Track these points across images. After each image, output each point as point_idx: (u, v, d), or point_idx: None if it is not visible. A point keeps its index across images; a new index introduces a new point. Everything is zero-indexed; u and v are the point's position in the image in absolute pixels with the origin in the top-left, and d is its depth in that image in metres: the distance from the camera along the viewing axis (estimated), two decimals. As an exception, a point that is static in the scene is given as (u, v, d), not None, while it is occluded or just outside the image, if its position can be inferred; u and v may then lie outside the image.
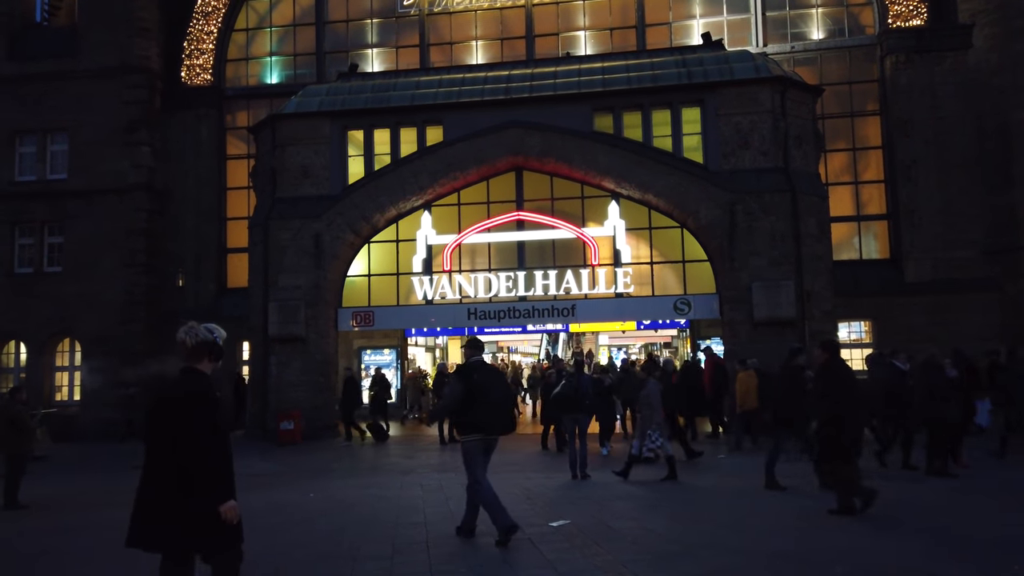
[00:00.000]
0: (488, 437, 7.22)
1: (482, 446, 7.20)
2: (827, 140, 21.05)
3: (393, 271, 20.46)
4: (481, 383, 7.11)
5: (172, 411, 3.96)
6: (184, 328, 4.13)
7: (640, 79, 19.50)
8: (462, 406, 7.15)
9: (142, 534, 3.90)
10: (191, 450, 3.84)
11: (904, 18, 21.81)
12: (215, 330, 4.15)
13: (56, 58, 24.05)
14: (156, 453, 3.98)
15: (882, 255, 22.12)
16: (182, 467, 3.85)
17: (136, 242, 23.15)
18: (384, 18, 25.00)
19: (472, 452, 7.18)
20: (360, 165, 20.28)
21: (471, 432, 7.18)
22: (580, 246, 19.69)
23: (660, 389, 11.47)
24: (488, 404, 7.07)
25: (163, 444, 3.95)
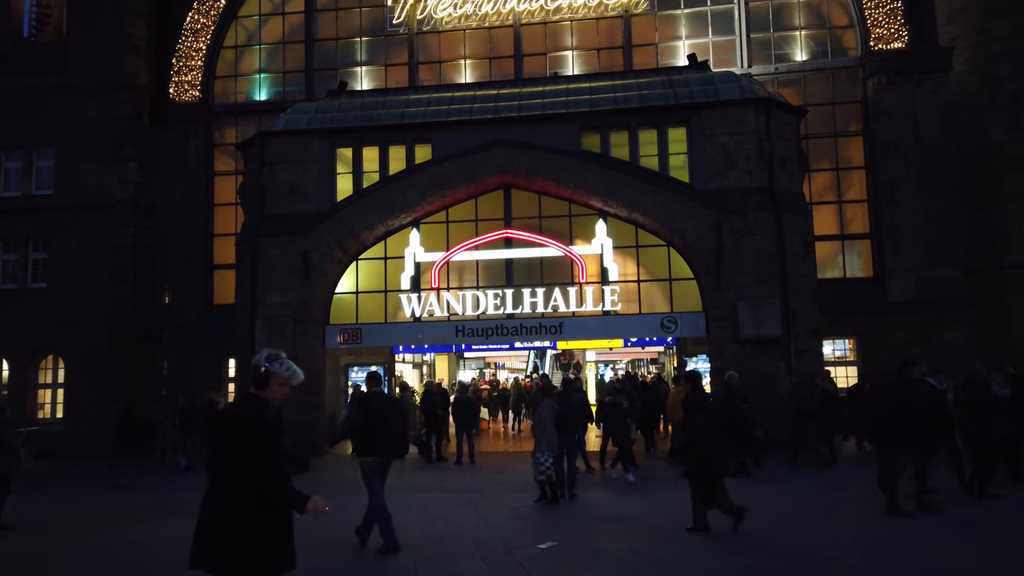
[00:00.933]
0: (382, 459, 8.14)
1: (377, 466, 8.11)
2: (811, 160, 21.32)
3: (381, 288, 20.47)
4: (378, 411, 8.08)
5: (223, 433, 4.10)
6: (260, 353, 4.22)
7: (627, 99, 19.71)
8: (362, 431, 8.08)
9: (202, 555, 3.93)
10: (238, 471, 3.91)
11: (886, 41, 22.22)
12: (271, 361, 4.16)
13: (43, 73, 24.02)
14: (213, 474, 4.07)
15: (866, 274, 22.39)
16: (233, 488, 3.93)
17: (122, 258, 23.04)
18: (373, 36, 25.16)
19: (369, 471, 8.08)
20: (349, 183, 20.32)
21: (368, 454, 8.09)
22: (568, 264, 19.79)
23: (554, 409, 11.40)
24: (383, 430, 7.98)
25: (219, 465, 4.05)
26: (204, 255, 24.31)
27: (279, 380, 4.12)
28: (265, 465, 3.94)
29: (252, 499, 3.89)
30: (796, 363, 17.69)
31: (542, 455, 10.85)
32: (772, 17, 23.60)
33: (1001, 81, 21.18)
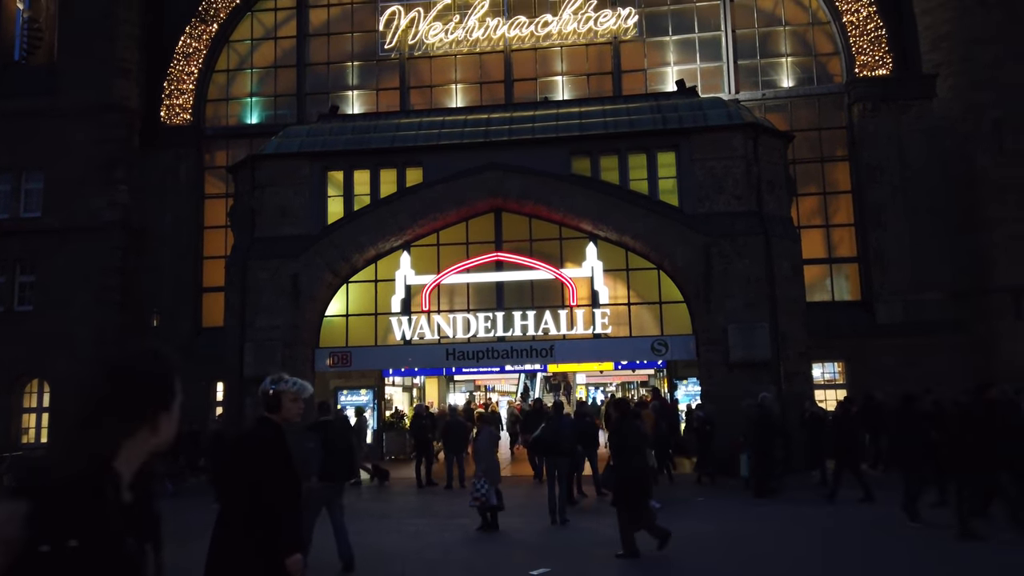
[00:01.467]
0: (336, 484, 8.55)
1: (332, 491, 8.48)
2: (798, 184, 21.55)
3: (371, 311, 20.42)
4: (331, 439, 8.48)
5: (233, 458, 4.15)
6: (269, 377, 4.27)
7: (617, 124, 19.90)
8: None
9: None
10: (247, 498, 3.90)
11: (870, 68, 22.58)
12: (277, 383, 4.21)
13: (33, 96, 24.01)
14: (225, 501, 4.08)
15: (854, 297, 22.54)
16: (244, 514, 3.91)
17: (110, 280, 22.90)
18: (365, 61, 25.35)
19: (326, 496, 8.36)
20: (339, 205, 20.35)
21: (324, 479, 8.37)
22: (558, 287, 19.83)
23: (494, 436, 11.27)
24: (331, 457, 8.36)
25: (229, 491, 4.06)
26: (193, 278, 24.20)
27: (290, 396, 4.19)
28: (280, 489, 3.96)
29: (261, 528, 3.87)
30: (786, 386, 17.73)
31: (479, 481, 10.66)
32: (759, 44, 23.96)
33: (984, 108, 21.53)
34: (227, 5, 25.32)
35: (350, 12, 25.67)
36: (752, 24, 24.00)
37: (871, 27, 22.64)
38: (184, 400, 1.88)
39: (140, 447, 1.72)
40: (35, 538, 1.50)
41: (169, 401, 1.79)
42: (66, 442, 1.69)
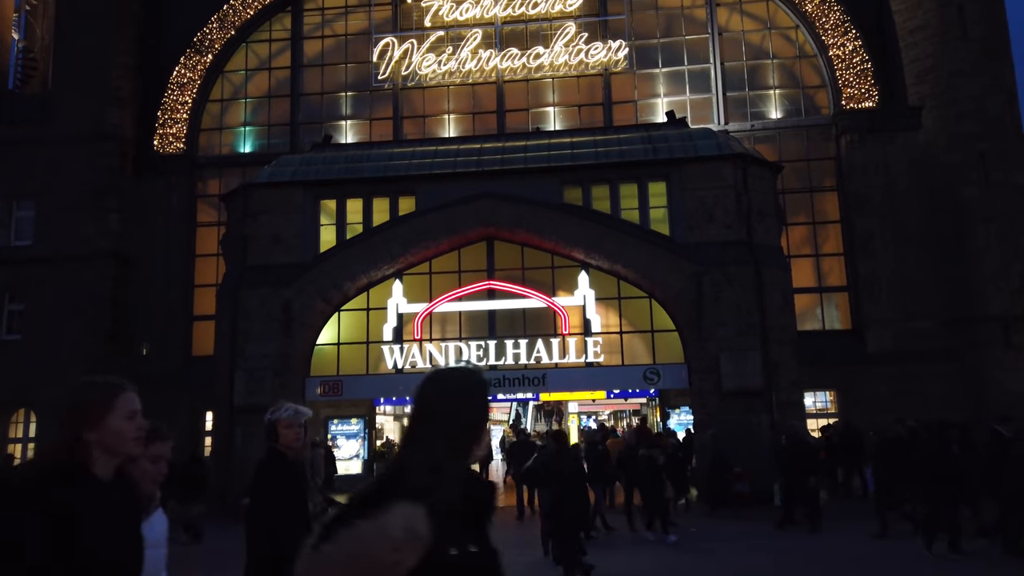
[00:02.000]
0: None
1: None
2: (788, 214, 21.76)
3: (363, 339, 20.35)
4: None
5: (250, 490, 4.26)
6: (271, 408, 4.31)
7: (608, 154, 20.10)
8: None
9: None
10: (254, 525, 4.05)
11: (857, 100, 22.95)
12: (272, 411, 4.26)
13: (27, 124, 24.06)
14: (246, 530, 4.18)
15: (844, 326, 22.65)
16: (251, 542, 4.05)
17: (100, 309, 22.77)
18: (358, 91, 25.58)
19: None
20: (332, 234, 20.39)
21: None
22: (550, 315, 19.84)
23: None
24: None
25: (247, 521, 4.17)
26: (184, 306, 24.10)
27: (284, 424, 4.21)
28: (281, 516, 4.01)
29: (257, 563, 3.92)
30: (778, 415, 17.71)
31: None
32: (747, 77, 24.34)
33: (969, 139, 21.86)
34: (222, 37, 25.56)
35: (344, 43, 25.96)
36: (740, 57, 24.41)
37: (857, 60, 23.05)
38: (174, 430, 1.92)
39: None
40: (442, 542, 1.59)
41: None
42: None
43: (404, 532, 1.50)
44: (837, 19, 23.30)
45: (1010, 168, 21.80)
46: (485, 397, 1.89)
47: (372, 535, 1.50)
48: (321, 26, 26.22)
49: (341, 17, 26.11)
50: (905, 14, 23.01)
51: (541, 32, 24.86)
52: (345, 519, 1.57)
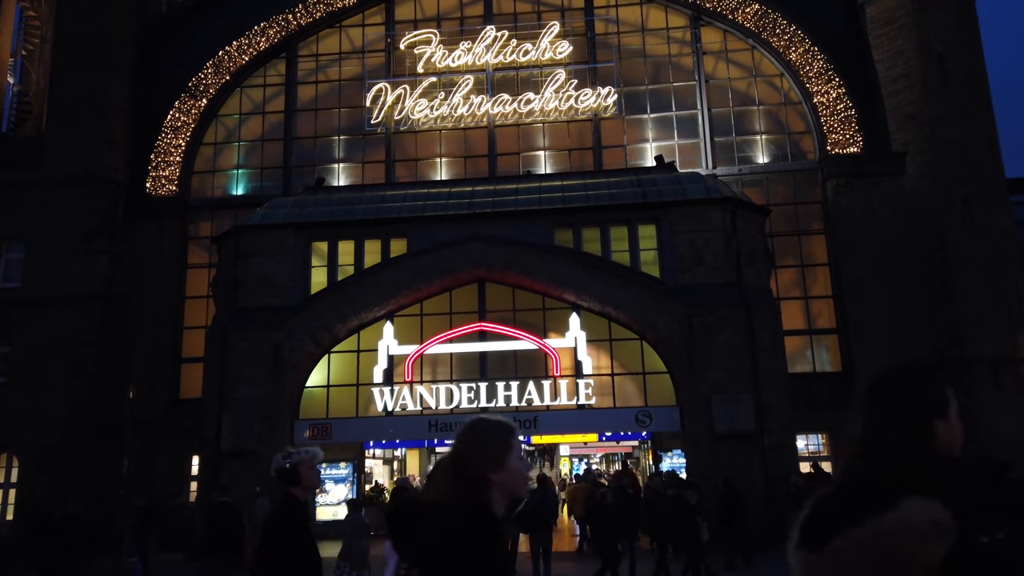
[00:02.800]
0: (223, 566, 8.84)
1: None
2: (776, 257, 21.95)
3: (353, 382, 20.21)
4: (219, 522, 9.03)
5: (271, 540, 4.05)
6: (274, 457, 4.19)
7: (598, 197, 20.32)
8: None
9: None
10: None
11: (842, 145, 23.38)
12: (291, 455, 4.16)
13: (20, 167, 24.11)
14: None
15: (835, 368, 22.68)
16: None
17: (87, 351, 22.53)
18: (351, 135, 25.86)
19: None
20: (323, 275, 20.40)
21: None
22: (542, 357, 19.80)
23: (362, 523, 10.00)
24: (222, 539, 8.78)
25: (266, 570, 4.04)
26: (172, 348, 23.89)
27: (307, 465, 4.12)
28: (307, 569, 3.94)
29: None
30: (771, 458, 17.62)
31: (340, 567, 9.58)
32: (734, 122, 24.79)
33: (953, 184, 22.24)
34: (217, 82, 25.88)
35: (338, 89, 26.33)
36: (727, 103, 24.89)
37: (841, 107, 23.55)
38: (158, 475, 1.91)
39: None
40: (971, 530, 1.67)
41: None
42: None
43: (929, 524, 1.57)
44: (821, 67, 23.87)
45: (994, 212, 22.16)
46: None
47: (896, 529, 1.57)
48: (315, 72, 26.61)
49: (335, 63, 26.53)
50: (887, 63, 23.61)
51: (532, 79, 25.34)
52: (840, 519, 1.64)
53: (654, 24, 25.70)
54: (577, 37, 25.61)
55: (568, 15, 25.92)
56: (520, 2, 26.40)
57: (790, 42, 24.22)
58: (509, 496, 2.17)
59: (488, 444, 2.17)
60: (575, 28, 25.73)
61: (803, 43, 24.07)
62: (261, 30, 26.07)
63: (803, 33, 24.08)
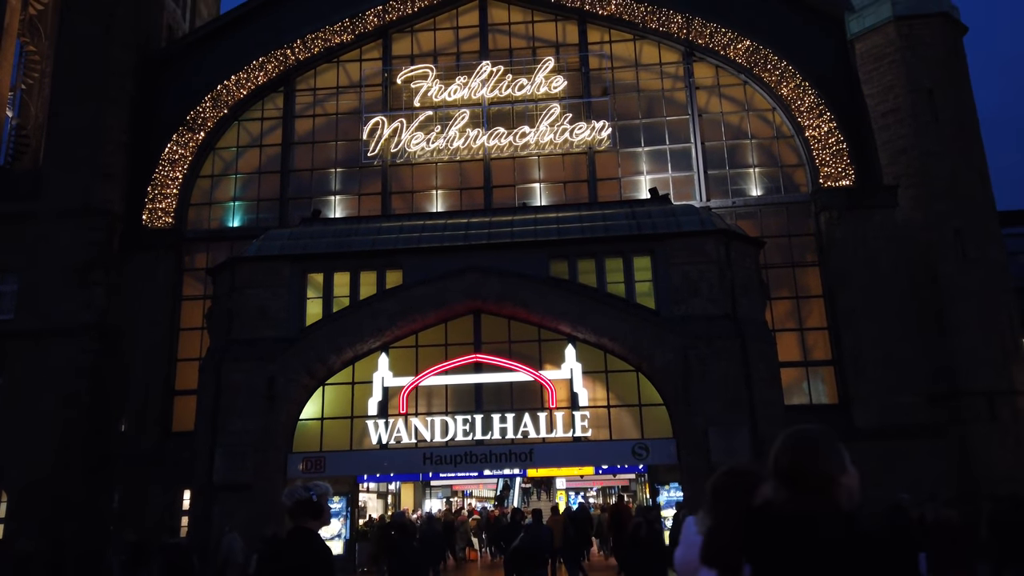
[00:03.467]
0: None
1: None
2: (771, 289, 22.02)
3: (347, 414, 20.07)
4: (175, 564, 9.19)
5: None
6: (286, 491, 4.08)
7: (593, 229, 20.43)
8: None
9: None
10: None
11: (834, 178, 23.61)
12: (314, 488, 4.07)
13: (16, 200, 24.12)
14: None
15: (831, 400, 22.62)
16: None
17: (79, 384, 22.34)
18: (348, 168, 26.03)
19: None
20: (319, 307, 20.37)
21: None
22: (538, 389, 19.72)
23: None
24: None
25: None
26: (165, 380, 23.73)
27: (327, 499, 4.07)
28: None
29: None
30: (768, 491, 17.45)
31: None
32: (727, 155, 25.06)
33: (945, 217, 22.42)
34: (215, 115, 26.11)
35: (335, 122, 26.58)
36: (720, 137, 25.18)
37: (832, 141, 23.84)
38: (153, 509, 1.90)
39: None
40: None
41: None
42: None
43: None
44: (812, 102, 24.22)
45: (986, 245, 22.32)
46: None
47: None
48: (313, 105, 26.88)
49: (332, 97, 26.82)
50: (877, 98, 23.97)
51: (527, 112, 25.62)
52: None
53: (647, 59, 26.10)
54: (572, 72, 25.98)
55: (563, 51, 26.32)
56: (515, 38, 26.81)
57: (781, 77, 24.60)
58: (850, 500, 2.17)
59: (829, 447, 2.21)
60: (570, 63, 26.10)
61: (794, 78, 24.45)
62: (260, 64, 26.38)
63: (794, 69, 24.48)
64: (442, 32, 27.10)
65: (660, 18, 25.66)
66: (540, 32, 26.77)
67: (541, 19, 26.82)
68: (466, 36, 26.92)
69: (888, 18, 23.99)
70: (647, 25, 25.76)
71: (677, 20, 25.55)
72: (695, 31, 25.37)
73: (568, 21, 26.58)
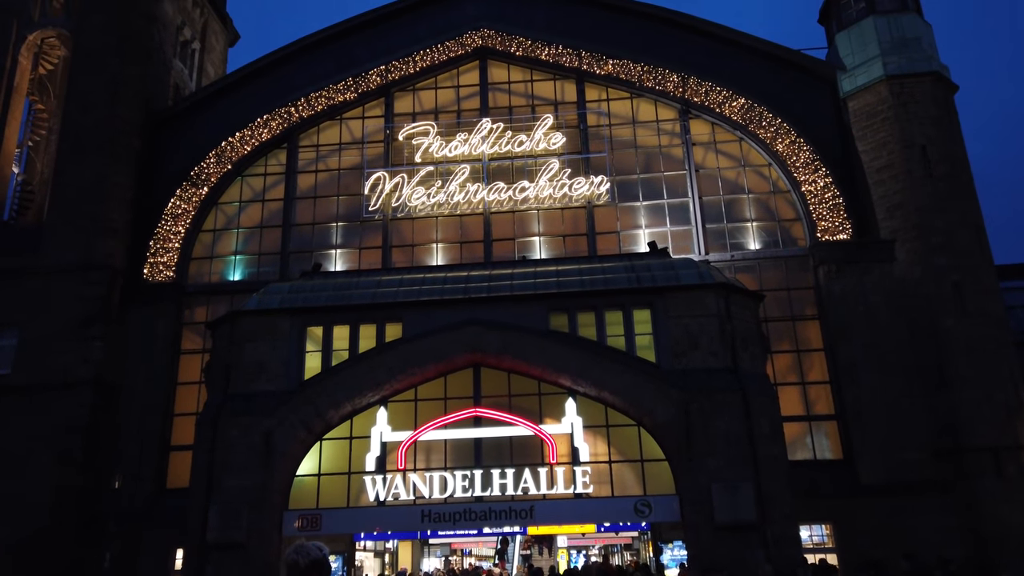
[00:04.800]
0: None
1: None
2: (772, 342, 21.94)
3: (345, 470, 19.75)
4: None
5: None
6: (294, 548, 3.98)
7: (592, 282, 20.48)
8: None
9: None
10: None
11: (831, 232, 23.79)
12: (324, 548, 4.02)
13: (18, 255, 24.24)
14: None
15: (836, 455, 22.31)
16: None
17: (73, 439, 22.08)
18: (349, 222, 26.27)
19: None
20: (318, 360, 20.25)
21: None
22: (538, 444, 19.46)
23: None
24: None
25: None
26: (161, 435, 23.45)
27: (327, 571, 3.98)
28: None
29: None
30: (774, 550, 17.09)
31: None
32: (725, 210, 25.30)
33: (944, 271, 22.51)
34: (219, 171, 26.48)
35: (337, 177, 26.94)
36: (717, 191, 25.48)
37: (828, 196, 24.11)
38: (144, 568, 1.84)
39: None
40: None
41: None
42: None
43: None
44: (807, 158, 24.59)
45: (985, 298, 22.35)
46: None
47: None
48: (315, 161, 27.29)
49: (335, 153, 27.24)
50: (871, 154, 24.34)
51: (526, 167, 26.00)
52: None
53: (644, 116, 26.60)
54: (570, 129, 26.45)
55: (561, 108, 26.85)
56: (515, 96, 27.39)
57: (776, 134, 25.03)
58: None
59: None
60: (568, 120, 26.60)
61: (789, 135, 24.88)
62: (264, 122, 26.91)
63: (789, 126, 24.93)
64: (443, 90, 27.69)
65: (656, 77, 26.25)
66: (539, 90, 27.36)
67: (540, 78, 27.43)
68: (467, 94, 27.50)
69: (880, 77, 24.55)
70: (644, 84, 26.34)
71: (673, 79, 26.14)
72: (691, 89, 25.93)
73: (566, 80, 27.18)
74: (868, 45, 25.37)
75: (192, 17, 31.42)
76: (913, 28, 25.44)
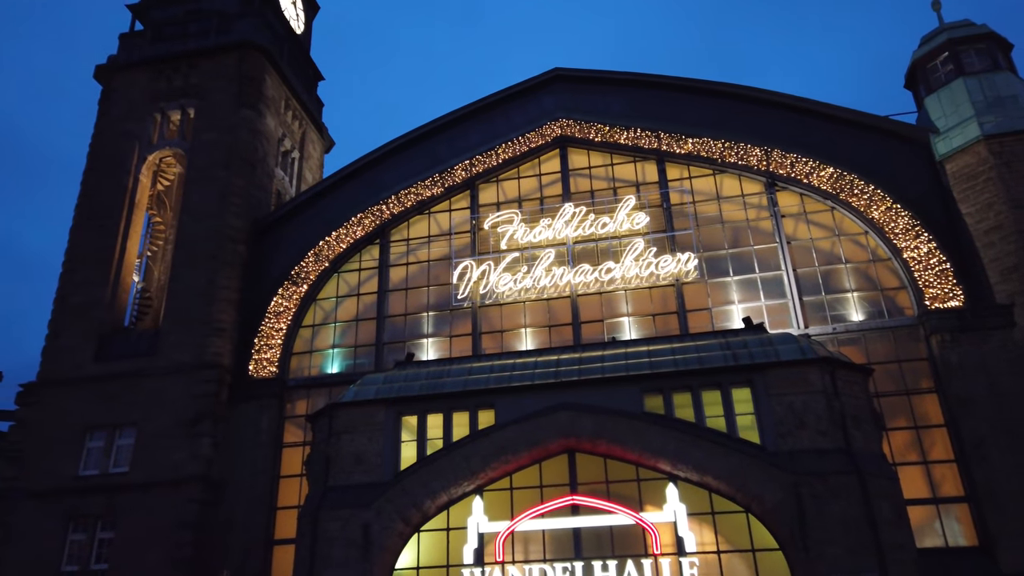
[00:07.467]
0: None
1: None
2: (886, 418, 20.55)
3: (443, 563, 19.40)
4: None
5: None
6: None
7: (687, 361, 19.92)
8: None
9: None
10: None
11: (941, 300, 22.47)
12: None
13: (136, 358, 25.88)
14: None
15: (970, 542, 20.32)
16: None
17: (184, 536, 22.71)
18: (439, 311, 26.86)
19: None
20: (413, 450, 20.33)
21: None
22: (639, 533, 18.62)
23: None
24: None
25: None
26: (265, 529, 23.85)
27: None
28: None
29: None
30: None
31: None
32: (822, 281, 24.40)
33: (1071, 333, 20.79)
34: (317, 268, 27.83)
35: (427, 268, 27.77)
36: (812, 263, 24.67)
37: (934, 262, 22.92)
38: None
39: None
40: None
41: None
42: None
43: None
44: (906, 223, 23.61)
45: (1125, 361, 20.36)
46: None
47: None
48: (406, 254, 28.31)
49: (424, 246, 28.20)
50: (976, 216, 23.14)
51: (611, 248, 26.06)
52: None
53: (729, 192, 26.38)
54: (653, 208, 26.49)
55: (643, 188, 27.01)
56: (596, 180, 27.79)
57: (870, 201, 24.25)
58: None
59: None
60: (651, 200, 26.68)
61: (884, 201, 24.06)
62: (358, 220, 28.31)
63: (883, 191, 24.14)
64: (525, 179, 28.45)
65: (738, 152, 26.15)
66: (620, 173, 27.69)
67: (620, 161, 27.81)
68: (548, 181, 28.13)
69: (977, 137, 23.63)
70: (726, 159, 26.26)
71: (756, 153, 25.95)
72: (775, 162, 25.64)
73: (647, 161, 27.44)
74: (961, 106, 24.58)
75: (292, 129, 33.81)
76: (1008, 87, 24.57)
